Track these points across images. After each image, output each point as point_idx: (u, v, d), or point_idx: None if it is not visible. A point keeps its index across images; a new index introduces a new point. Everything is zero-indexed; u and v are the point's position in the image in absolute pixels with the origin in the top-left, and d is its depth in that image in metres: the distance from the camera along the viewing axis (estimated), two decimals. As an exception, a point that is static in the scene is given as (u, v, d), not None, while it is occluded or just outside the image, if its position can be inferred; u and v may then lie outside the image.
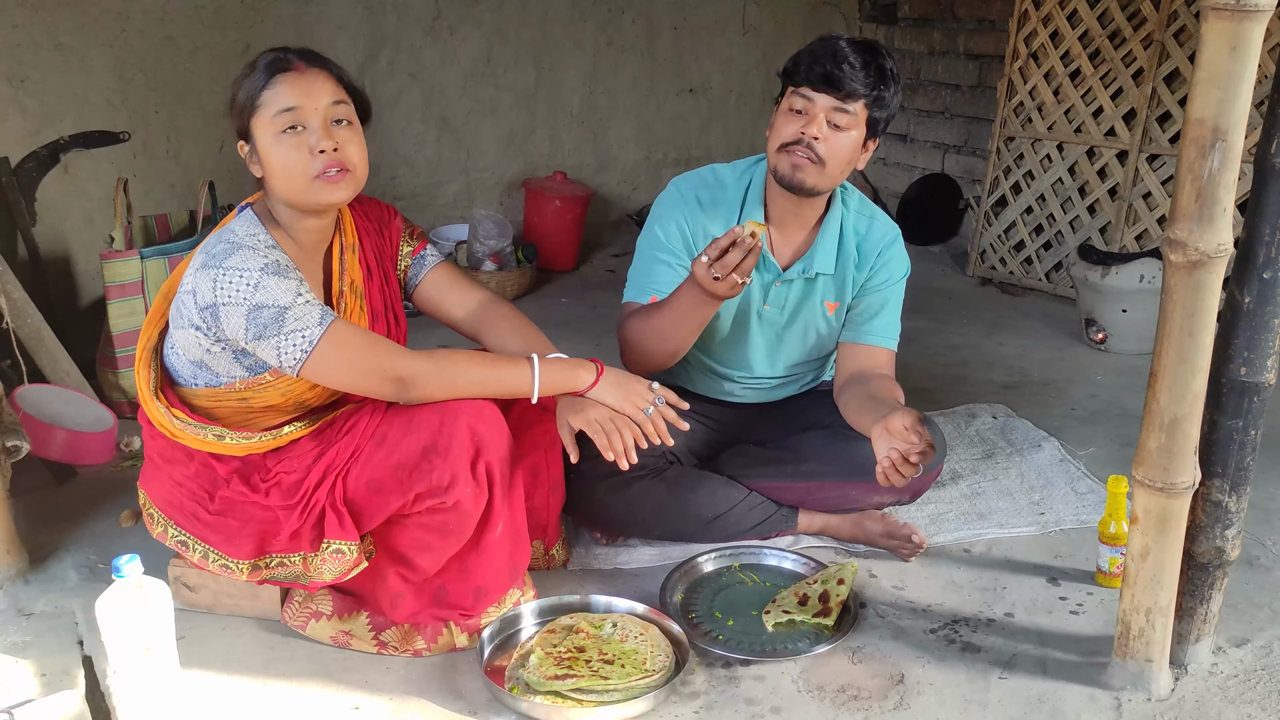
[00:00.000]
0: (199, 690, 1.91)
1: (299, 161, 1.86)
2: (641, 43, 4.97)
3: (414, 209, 4.53)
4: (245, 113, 1.88)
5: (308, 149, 1.85)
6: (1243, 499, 1.85)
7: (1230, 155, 1.60)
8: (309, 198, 1.89)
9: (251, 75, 1.89)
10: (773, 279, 2.32)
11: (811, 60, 2.12)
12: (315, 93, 1.87)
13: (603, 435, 1.97)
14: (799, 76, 2.14)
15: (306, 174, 1.86)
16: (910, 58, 5.19)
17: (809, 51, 2.14)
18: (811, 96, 2.12)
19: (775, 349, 2.42)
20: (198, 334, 1.89)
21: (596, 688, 1.84)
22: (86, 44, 3.60)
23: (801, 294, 2.35)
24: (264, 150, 1.88)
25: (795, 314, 2.37)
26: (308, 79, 1.87)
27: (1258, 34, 1.54)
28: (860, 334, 2.36)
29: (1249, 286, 1.73)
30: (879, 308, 2.35)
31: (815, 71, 2.10)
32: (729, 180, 2.33)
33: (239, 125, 1.91)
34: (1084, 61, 4.17)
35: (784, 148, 2.16)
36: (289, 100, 1.85)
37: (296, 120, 1.85)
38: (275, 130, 1.85)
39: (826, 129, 2.12)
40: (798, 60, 2.15)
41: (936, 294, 4.37)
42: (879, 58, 2.13)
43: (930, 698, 1.91)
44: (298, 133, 1.86)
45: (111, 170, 3.59)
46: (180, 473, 2.02)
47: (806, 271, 2.31)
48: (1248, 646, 2.03)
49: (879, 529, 2.36)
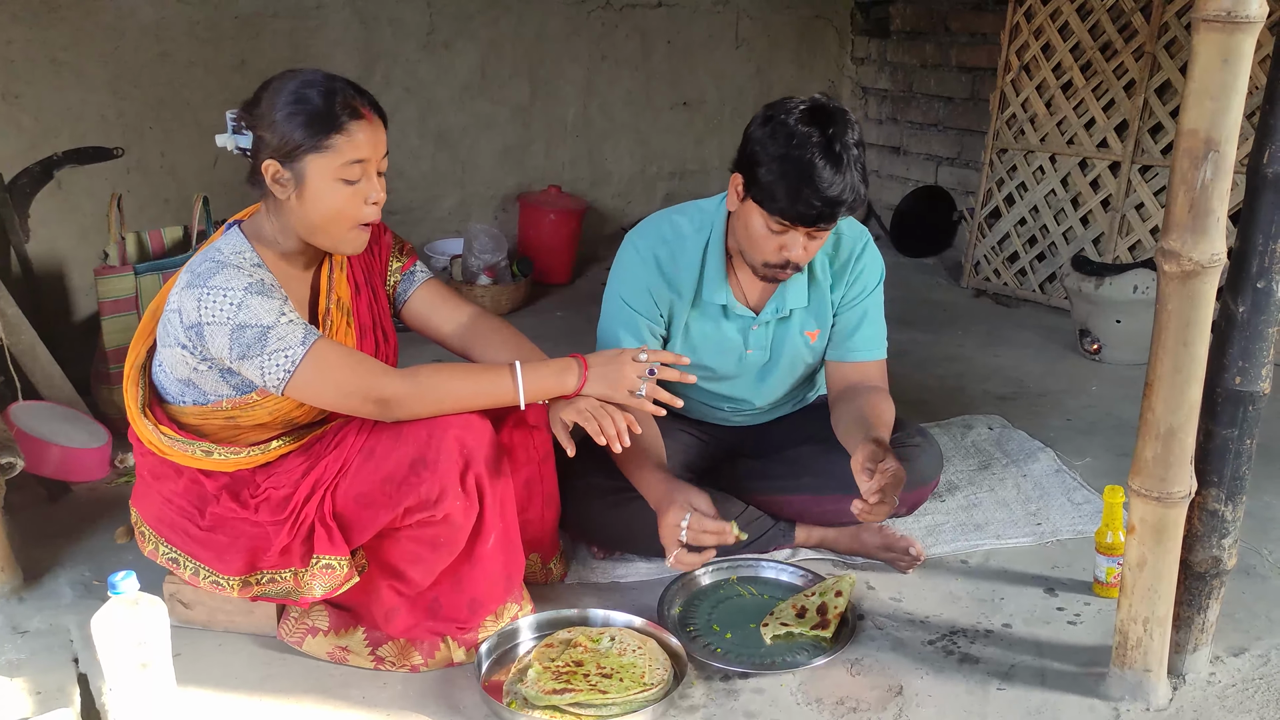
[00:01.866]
0: (195, 707, 1.90)
1: (352, 209, 1.87)
2: (636, 57, 4.99)
3: (409, 223, 4.54)
4: (304, 148, 1.82)
5: (362, 199, 1.87)
6: (1239, 508, 1.85)
7: (1223, 165, 1.61)
8: (342, 246, 1.92)
9: (311, 108, 1.81)
10: (748, 324, 2.32)
11: (792, 197, 1.99)
12: (378, 145, 1.88)
13: (593, 422, 1.94)
14: (775, 209, 2.02)
15: (355, 221, 1.89)
16: (903, 70, 5.22)
17: (783, 177, 1.99)
18: (793, 227, 2.05)
19: (763, 383, 2.42)
20: (184, 352, 1.89)
21: (595, 702, 1.84)
22: (81, 59, 3.61)
23: (779, 332, 2.35)
24: (316, 189, 1.85)
25: (778, 351, 2.37)
26: (374, 129, 1.87)
27: (1249, 45, 1.55)
28: (845, 351, 2.36)
29: (1243, 296, 1.73)
30: (858, 321, 2.33)
31: (799, 212, 2.01)
32: (688, 234, 2.27)
33: (282, 152, 1.83)
34: (1076, 73, 4.19)
35: (767, 265, 2.13)
36: (361, 151, 1.84)
37: (363, 171, 1.86)
38: (339, 176, 1.84)
39: (808, 242, 2.08)
40: (773, 190, 2.01)
41: (931, 306, 4.38)
42: (854, 163, 2.00)
43: (929, 709, 1.91)
44: (356, 183, 1.86)
45: (105, 186, 3.59)
46: (170, 489, 2.01)
47: (780, 310, 2.31)
48: (1245, 655, 2.03)
49: (876, 541, 2.35)
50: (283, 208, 1.90)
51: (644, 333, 2.28)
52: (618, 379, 1.98)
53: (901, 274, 4.84)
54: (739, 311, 2.30)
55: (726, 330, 2.32)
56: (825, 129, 1.99)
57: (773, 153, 2.01)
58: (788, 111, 2.03)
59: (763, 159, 2.03)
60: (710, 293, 2.27)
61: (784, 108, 2.05)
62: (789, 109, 2.04)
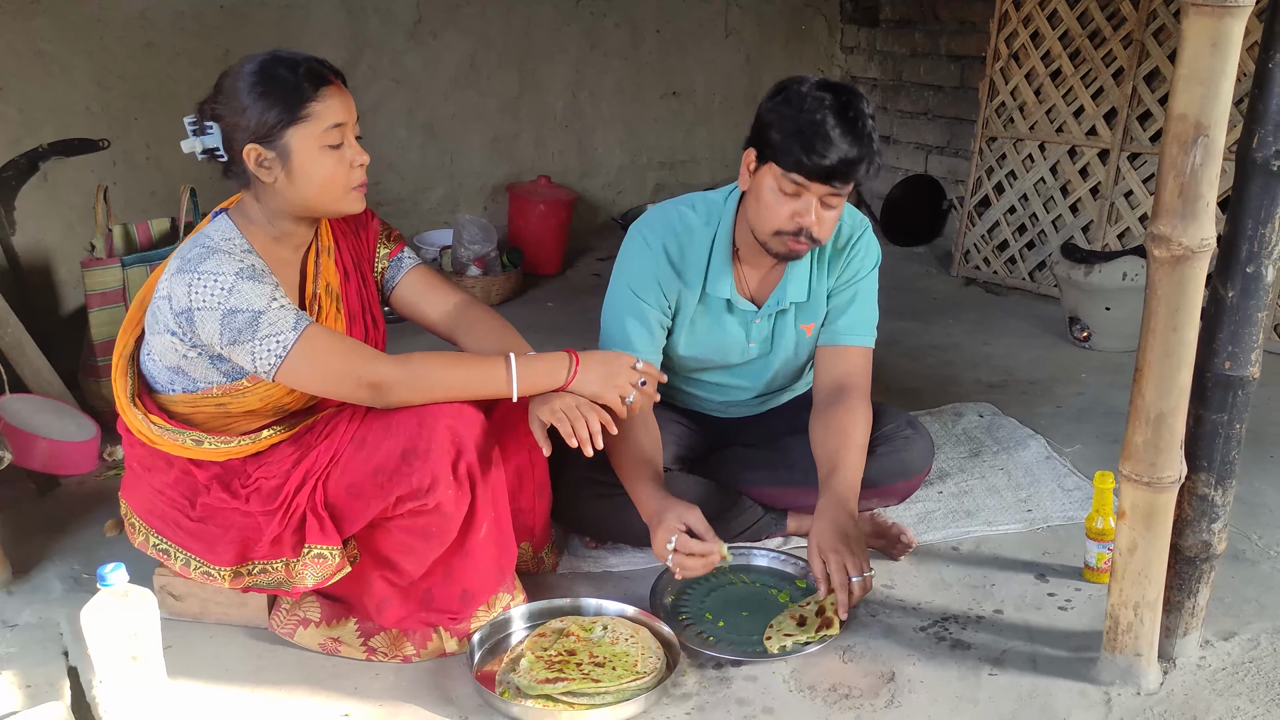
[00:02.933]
0: (186, 700, 1.89)
1: (341, 174, 1.89)
2: (625, 47, 4.98)
3: (398, 214, 4.52)
4: (282, 123, 1.82)
5: (348, 163, 1.89)
6: (1228, 493, 1.86)
7: (1212, 150, 1.61)
8: (342, 206, 1.93)
9: (280, 85, 1.81)
10: (751, 317, 2.31)
11: (805, 149, 1.99)
12: (350, 108, 1.90)
13: (566, 423, 1.93)
14: (789, 162, 2.02)
15: (346, 185, 1.90)
16: (892, 59, 5.21)
17: (797, 134, 1.99)
18: (807, 185, 2.03)
19: (761, 376, 2.42)
20: (174, 339, 1.88)
21: (588, 690, 1.84)
22: (66, 51, 3.58)
23: (778, 325, 2.34)
24: (303, 161, 1.85)
25: (777, 344, 2.37)
26: (343, 92, 1.89)
27: (1238, 30, 1.55)
28: (833, 334, 2.34)
29: (1232, 281, 1.74)
30: (848, 303, 2.32)
31: (813, 164, 1.99)
32: (696, 227, 2.26)
33: (260, 132, 1.82)
34: (1064, 61, 4.19)
35: (779, 234, 2.10)
36: (339, 115, 1.86)
37: (343, 135, 1.87)
38: (323, 143, 1.85)
39: (821, 210, 2.07)
40: (786, 145, 2.01)
41: (921, 295, 4.38)
42: (866, 125, 2.01)
43: (921, 695, 1.91)
44: (340, 147, 1.87)
45: (92, 178, 3.56)
46: (160, 480, 2.00)
47: (781, 304, 2.30)
48: (1235, 640, 2.04)
49: (868, 529, 2.35)
50: (269, 190, 1.90)
51: (652, 323, 2.26)
52: (610, 381, 1.98)
53: (891, 263, 4.80)
54: (742, 305, 2.29)
55: (730, 324, 2.31)
56: (838, 95, 2.02)
57: (786, 114, 2.02)
58: (800, 82, 2.06)
59: (775, 122, 2.03)
60: (715, 286, 2.26)
61: (795, 80, 2.08)
62: (800, 80, 2.07)
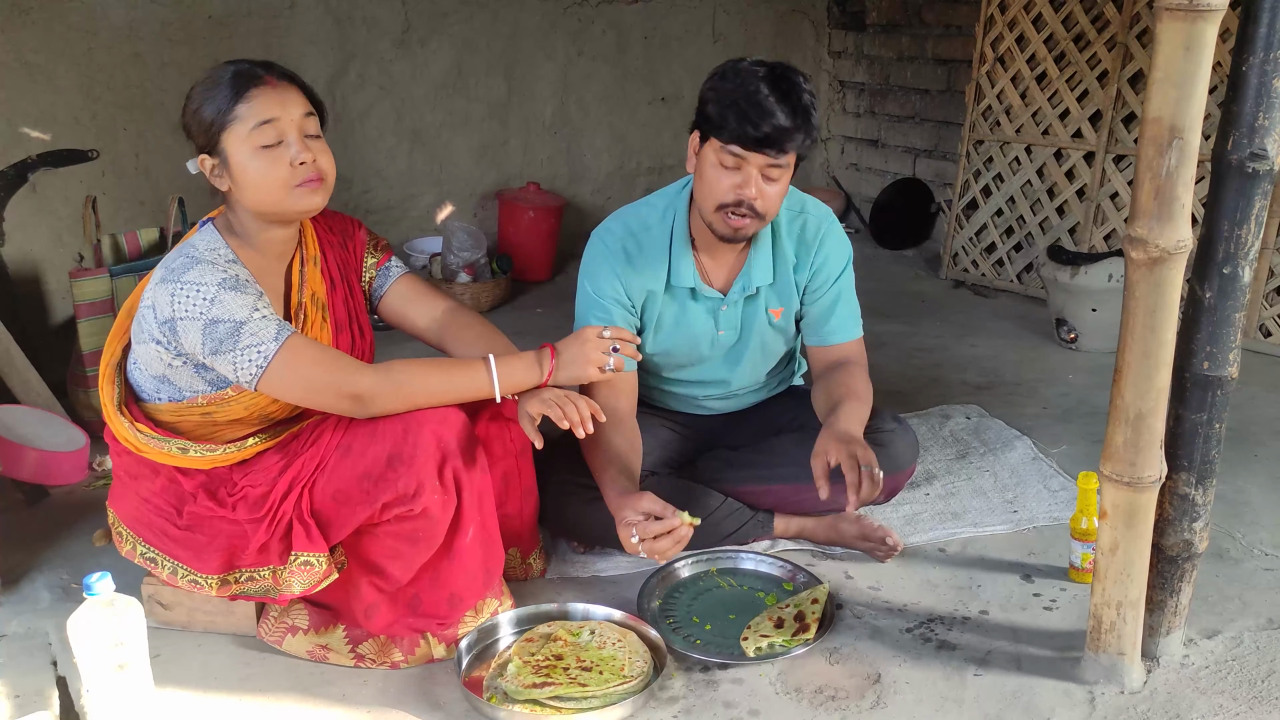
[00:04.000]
0: (175, 708, 1.89)
1: (278, 174, 1.87)
2: (612, 53, 4.99)
3: (387, 222, 4.53)
4: (215, 127, 1.86)
5: (286, 162, 1.86)
6: (1209, 492, 1.87)
7: (1187, 153, 1.63)
8: (287, 206, 1.90)
9: (217, 89, 1.86)
10: (717, 305, 2.33)
11: (740, 119, 2.01)
12: (289, 105, 1.88)
13: (556, 409, 1.95)
14: (726, 134, 2.04)
15: (286, 184, 1.88)
16: (879, 63, 5.23)
17: (732, 105, 2.02)
18: (744, 155, 2.05)
19: (734, 365, 2.43)
20: (158, 348, 1.89)
21: (575, 695, 1.84)
22: (53, 62, 3.58)
23: (746, 311, 2.36)
24: (239, 164, 1.86)
25: (748, 330, 2.38)
26: (280, 91, 1.88)
27: (1211, 33, 1.57)
28: (823, 336, 2.37)
29: (1209, 282, 1.75)
30: (832, 305, 2.35)
31: (747, 133, 2.01)
32: (652, 222, 2.29)
33: (205, 140, 1.89)
34: (1049, 65, 4.22)
35: (721, 208, 2.12)
36: (266, 112, 1.85)
37: (276, 132, 1.86)
38: (254, 144, 1.85)
39: (762, 183, 2.09)
40: (723, 117, 2.03)
41: (910, 297, 4.40)
42: (801, 96, 2.03)
43: (907, 696, 1.92)
44: (276, 147, 1.86)
45: (80, 189, 3.56)
46: (147, 489, 2.01)
47: (747, 289, 2.32)
48: (1218, 638, 2.05)
49: (854, 531, 2.37)
50: (230, 199, 1.93)
51: (618, 321, 2.28)
52: (584, 357, 2.05)
53: (880, 266, 4.86)
54: (706, 293, 2.30)
55: (696, 313, 2.33)
56: (773, 68, 2.07)
57: (722, 89, 2.06)
58: (739, 61, 2.10)
59: (712, 98, 2.08)
60: (678, 276, 2.28)
61: (734, 60, 2.12)
62: (739, 60, 2.11)
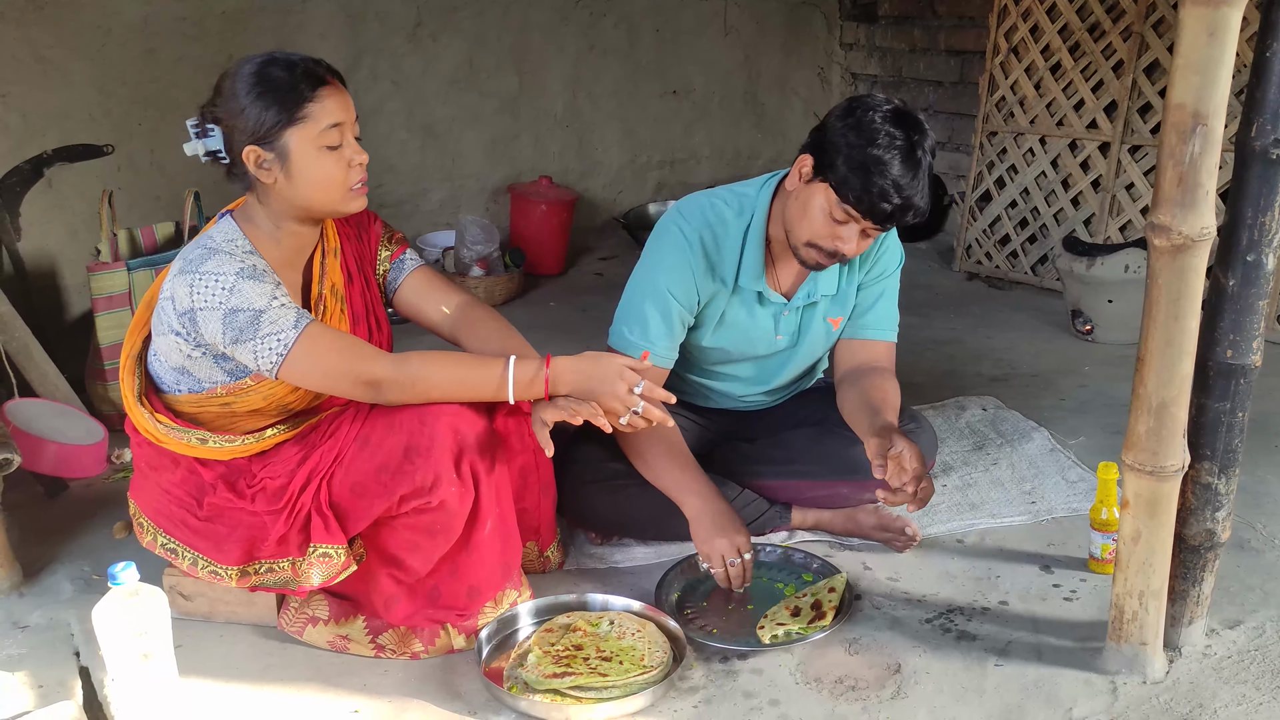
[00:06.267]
0: (197, 698, 1.90)
1: (338, 175, 1.88)
2: (623, 46, 4.99)
3: (400, 216, 4.53)
4: (280, 123, 1.82)
5: (346, 163, 1.89)
6: (1232, 481, 1.87)
7: (1211, 139, 1.62)
8: (340, 206, 1.93)
9: (277, 85, 1.82)
10: (780, 309, 2.30)
11: (865, 189, 1.98)
12: (348, 107, 1.90)
13: (571, 414, 1.89)
14: (848, 195, 2.01)
15: (345, 185, 1.90)
16: (891, 55, 5.22)
17: (861, 170, 1.97)
18: (857, 218, 2.04)
19: (782, 367, 2.42)
20: (178, 339, 1.90)
21: (595, 684, 1.85)
22: (67, 58, 3.60)
23: (806, 317, 2.34)
24: (302, 162, 1.85)
25: (802, 336, 2.36)
26: (340, 92, 1.89)
27: (1235, 19, 1.56)
28: (858, 328, 2.35)
29: (1233, 270, 1.75)
30: (874, 299, 2.34)
31: (868, 207, 2.00)
32: (729, 219, 2.23)
33: (258, 134, 1.83)
34: (1064, 55, 4.20)
35: (813, 246, 2.10)
36: (336, 115, 1.86)
37: (341, 134, 1.87)
38: (321, 144, 1.85)
39: (861, 240, 2.09)
40: (849, 180, 1.99)
41: (924, 290, 4.39)
42: (926, 174, 2.02)
43: (927, 686, 1.92)
44: (338, 149, 1.87)
45: (96, 184, 3.58)
46: (168, 480, 2.02)
47: (811, 296, 2.30)
48: (1240, 628, 2.04)
49: (872, 522, 2.36)
50: (271, 192, 1.90)
51: (674, 319, 2.22)
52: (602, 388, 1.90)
53: (893, 259, 4.85)
54: (772, 298, 2.28)
55: (760, 316, 2.30)
56: (910, 133, 2.00)
57: (854, 142, 1.99)
58: (874, 108, 2.03)
59: (843, 147, 2.00)
60: (748, 279, 2.24)
61: (869, 104, 2.05)
62: (874, 105, 2.04)
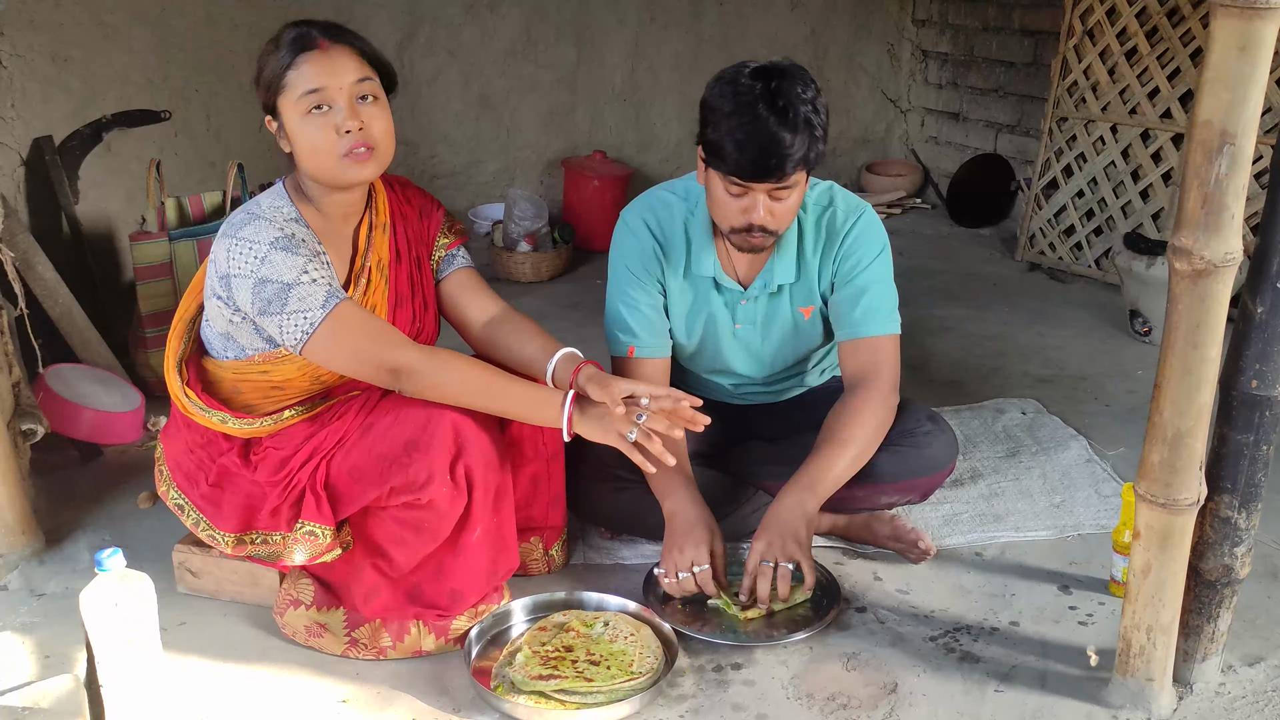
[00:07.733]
0: (189, 677, 1.94)
1: (325, 141, 1.87)
2: (685, 18, 4.89)
3: (452, 188, 4.53)
4: (271, 91, 1.89)
5: (334, 128, 1.86)
6: (1253, 515, 1.77)
7: (1239, 159, 1.52)
8: (336, 176, 1.91)
9: (276, 53, 1.88)
10: (737, 298, 2.27)
11: (737, 150, 1.95)
12: (340, 71, 1.87)
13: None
14: (726, 166, 1.98)
15: (334, 153, 1.87)
16: (964, 33, 5.04)
17: (729, 135, 1.95)
18: (748, 184, 2.00)
19: (759, 356, 2.37)
20: (219, 303, 1.93)
21: (580, 689, 1.84)
22: (128, 23, 3.64)
23: (769, 306, 2.29)
24: (291, 129, 1.89)
25: (769, 324, 2.32)
26: (332, 57, 1.87)
27: (1270, 33, 1.45)
28: (849, 329, 2.26)
29: (1262, 296, 1.65)
30: (858, 294, 2.23)
31: (745, 168, 1.96)
32: (673, 204, 2.25)
33: (266, 102, 1.92)
34: (1140, 40, 4.01)
35: (734, 231, 2.07)
36: (314, 81, 1.85)
37: (323, 100, 1.86)
38: (301, 110, 1.86)
39: (771, 204, 2.02)
40: (721, 147, 1.96)
41: (980, 280, 4.25)
42: (799, 110, 1.94)
43: (921, 709, 1.87)
44: (324, 112, 1.86)
45: (153, 149, 3.64)
46: (193, 439, 2.06)
47: (768, 286, 2.25)
48: (1260, 665, 1.95)
49: (887, 531, 2.31)
50: (293, 161, 1.94)
51: (644, 306, 2.25)
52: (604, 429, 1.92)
53: (953, 245, 4.72)
54: (727, 285, 2.25)
55: (714, 304, 2.28)
56: (769, 82, 1.96)
57: (719, 110, 1.98)
58: (733, 74, 2.00)
59: (711, 120, 2.00)
60: (698, 264, 2.23)
61: (733, 68, 2.02)
62: (738, 68, 2.01)
